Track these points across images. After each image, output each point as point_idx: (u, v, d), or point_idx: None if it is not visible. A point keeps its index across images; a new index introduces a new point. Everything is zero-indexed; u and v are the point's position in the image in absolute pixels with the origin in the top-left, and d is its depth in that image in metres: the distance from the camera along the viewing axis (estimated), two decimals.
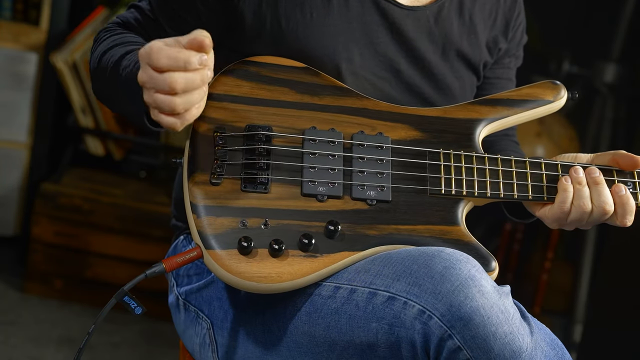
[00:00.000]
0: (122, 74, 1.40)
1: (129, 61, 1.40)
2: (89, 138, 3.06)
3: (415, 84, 1.57)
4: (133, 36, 1.51)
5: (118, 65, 1.42)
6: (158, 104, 1.29)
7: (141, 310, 1.36)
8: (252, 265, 1.36)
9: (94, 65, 1.51)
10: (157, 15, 1.52)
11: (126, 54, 1.43)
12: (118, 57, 1.43)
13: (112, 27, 1.56)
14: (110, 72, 1.43)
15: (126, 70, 1.39)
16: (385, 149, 1.47)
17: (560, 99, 1.56)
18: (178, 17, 1.51)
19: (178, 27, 1.51)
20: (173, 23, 1.51)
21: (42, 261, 2.97)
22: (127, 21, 1.55)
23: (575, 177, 1.46)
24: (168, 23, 1.52)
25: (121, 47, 1.46)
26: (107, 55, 1.47)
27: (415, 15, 1.56)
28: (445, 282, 1.30)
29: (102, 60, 1.47)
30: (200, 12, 1.50)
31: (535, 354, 1.30)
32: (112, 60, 1.44)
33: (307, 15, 1.50)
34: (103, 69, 1.46)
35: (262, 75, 1.49)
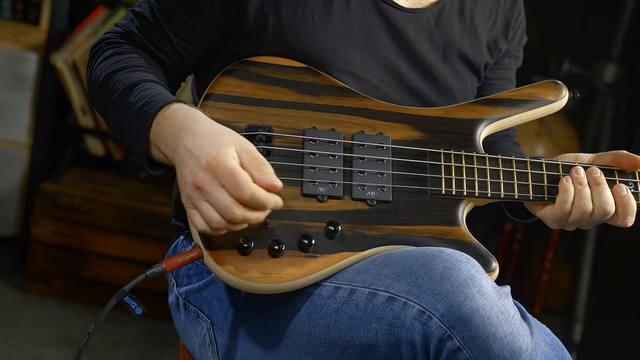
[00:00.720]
0: (126, 111, 1.41)
1: (136, 97, 1.40)
2: (89, 138, 3.06)
3: (417, 86, 1.57)
4: (136, 58, 1.49)
5: (127, 95, 1.41)
6: (205, 216, 1.30)
7: (141, 310, 1.36)
8: (252, 266, 1.35)
9: (94, 80, 1.49)
10: (159, 20, 1.51)
11: (133, 85, 1.42)
12: (127, 84, 1.42)
13: (113, 39, 1.53)
14: (117, 99, 1.43)
15: (136, 106, 1.39)
16: (386, 149, 1.47)
17: (561, 99, 1.55)
18: (182, 23, 1.50)
19: (182, 33, 1.50)
20: (177, 29, 1.50)
21: (42, 261, 2.97)
22: (129, 30, 1.52)
23: (576, 177, 1.46)
24: (171, 29, 1.50)
25: (126, 72, 1.45)
26: (113, 78, 1.45)
27: (416, 18, 1.55)
28: (445, 283, 1.30)
29: (108, 82, 1.45)
30: (204, 17, 1.49)
31: (535, 355, 1.30)
32: (119, 87, 1.43)
33: (309, 18, 1.50)
34: (108, 91, 1.45)
35: (263, 76, 1.49)
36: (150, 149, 1.39)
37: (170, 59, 1.52)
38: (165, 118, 1.36)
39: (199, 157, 1.30)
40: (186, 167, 1.31)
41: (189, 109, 1.37)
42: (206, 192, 1.29)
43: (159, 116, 1.37)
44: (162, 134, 1.36)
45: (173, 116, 1.36)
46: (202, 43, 1.52)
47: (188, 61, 1.54)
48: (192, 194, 1.30)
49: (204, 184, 1.29)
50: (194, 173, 1.30)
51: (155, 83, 1.44)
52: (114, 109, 1.44)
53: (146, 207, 2.99)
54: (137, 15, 1.53)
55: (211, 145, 1.30)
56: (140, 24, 1.52)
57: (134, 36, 1.52)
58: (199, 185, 1.29)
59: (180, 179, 1.33)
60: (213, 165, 1.28)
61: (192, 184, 1.30)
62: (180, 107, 1.38)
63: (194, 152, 1.31)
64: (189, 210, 1.33)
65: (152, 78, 1.45)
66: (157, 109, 1.37)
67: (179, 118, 1.35)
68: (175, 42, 1.51)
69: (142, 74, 1.45)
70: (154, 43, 1.51)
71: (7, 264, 3.13)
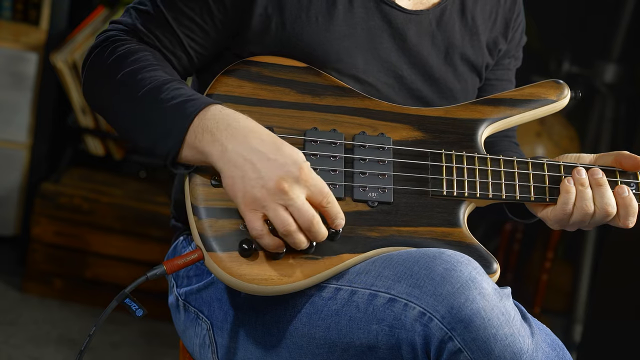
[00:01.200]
0: (156, 107, 1.38)
1: (169, 94, 1.38)
2: (89, 138, 3.06)
3: (418, 88, 1.57)
4: (152, 57, 1.46)
5: (158, 92, 1.39)
6: (278, 217, 1.31)
7: (142, 312, 1.36)
8: (253, 268, 1.35)
9: (106, 77, 1.45)
10: (167, 19, 1.47)
11: (166, 82, 1.40)
12: (156, 82, 1.40)
13: (121, 36, 1.48)
14: (142, 97, 1.39)
15: (172, 102, 1.37)
16: (387, 150, 1.46)
17: (563, 99, 1.55)
18: (193, 23, 1.48)
19: (192, 34, 1.48)
20: (187, 30, 1.48)
21: (42, 261, 2.97)
22: (134, 27, 1.49)
23: (578, 178, 1.46)
24: (182, 30, 1.48)
25: (151, 70, 1.42)
26: (137, 75, 1.41)
27: (418, 19, 1.55)
28: (446, 284, 1.30)
29: (129, 80, 1.41)
30: (215, 18, 1.48)
31: (536, 355, 1.30)
32: (147, 84, 1.40)
33: (312, 20, 1.49)
34: (131, 88, 1.41)
35: (264, 76, 1.48)
36: (182, 147, 1.36)
37: (179, 60, 1.50)
38: (213, 115, 1.35)
39: (285, 164, 1.31)
40: (259, 169, 1.31)
41: (237, 112, 1.37)
42: (289, 197, 1.30)
43: (203, 113, 1.35)
44: (209, 128, 1.34)
45: (223, 114, 1.35)
46: (211, 44, 1.50)
47: (196, 62, 1.52)
48: (271, 197, 1.30)
49: (290, 189, 1.30)
50: (279, 176, 1.30)
51: (183, 83, 1.42)
52: (138, 106, 1.40)
53: (146, 207, 2.99)
54: (141, 13, 1.49)
55: (292, 153, 1.32)
56: (147, 22, 1.48)
57: (140, 33, 1.48)
58: (284, 190, 1.30)
59: (244, 180, 1.32)
60: (304, 174, 1.31)
61: (274, 187, 1.30)
62: (226, 107, 1.37)
63: (271, 155, 1.31)
64: (253, 213, 1.32)
65: (178, 78, 1.43)
66: (200, 107, 1.36)
67: (232, 117, 1.35)
68: (186, 43, 1.49)
69: (166, 74, 1.42)
70: (162, 43, 1.48)
71: (7, 264, 3.13)
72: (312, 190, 1.32)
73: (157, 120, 1.38)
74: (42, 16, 3.05)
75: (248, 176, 1.31)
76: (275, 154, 1.32)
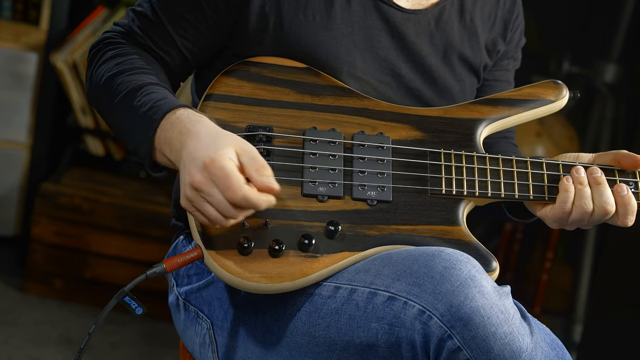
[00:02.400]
0: (129, 115, 1.41)
1: (140, 101, 1.40)
2: (89, 138, 3.06)
3: (416, 87, 1.57)
4: (138, 60, 1.48)
5: (130, 98, 1.41)
6: (205, 215, 1.32)
7: (142, 310, 1.36)
8: (253, 266, 1.36)
9: (96, 82, 1.48)
10: (162, 21, 1.50)
11: (136, 89, 1.42)
12: (131, 88, 1.42)
13: (114, 38, 1.52)
14: (120, 102, 1.43)
15: (140, 110, 1.39)
16: (386, 149, 1.47)
17: (562, 99, 1.55)
18: (186, 23, 1.49)
19: (185, 33, 1.50)
20: (180, 29, 1.50)
21: (42, 261, 2.97)
22: (130, 29, 1.52)
23: (577, 177, 1.46)
24: (175, 29, 1.50)
25: (129, 74, 1.45)
26: (116, 80, 1.45)
27: (417, 19, 1.55)
28: (445, 282, 1.30)
29: (110, 85, 1.45)
30: (208, 17, 1.49)
31: (535, 354, 1.30)
32: (122, 90, 1.43)
33: (310, 19, 1.50)
34: (111, 94, 1.45)
35: (263, 76, 1.49)
36: (154, 154, 1.39)
37: (173, 59, 1.52)
38: (171, 123, 1.37)
39: (197, 159, 1.31)
40: (185, 169, 1.32)
41: (195, 114, 1.38)
42: (204, 193, 1.30)
43: (164, 122, 1.37)
44: (168, 140, 1.36)
45: (178, 121, 1.36)
46: (205, 43, 1.51)
47: (191, 61, 1.53)
48: (191, 195, 1.31)
49: (201, 185, 1.30)
50: (192, 175, 1.30)
51: (159, 86, 1.43)
52: (117, 112, 1.44)
53: (146, 207, 2.99)
54: (138, 15, 1.52)
55: (210, 146, 1.31)
56: (142, 24, 1.51)
57: (136, 36, 1.51)
58: (196, 187, 1.30)
59: (181, 182, 1.34)
60: (209, 166, 1.29)
61: (190, 185, 1.31)
62: (186, 112, 1.38)
63: (194, 154, 1.32)
64: (192, 214, 1.34)
65: (155, 81, 1.44)
66: (162, 115, 1.37)
67: (184, 123, 1.36)
68: (179, 42, 1.50)
69: (146, 76, 1.44)
70: (156, 43, 1.51)
71: (7, 264, 3.13)
72: (218, 183, 1.29)
73: (132, 127, 1.42)
74: (42, 16, 3.05)
75: (181, 178, 1.34)
76: (197, 152, 1.32)
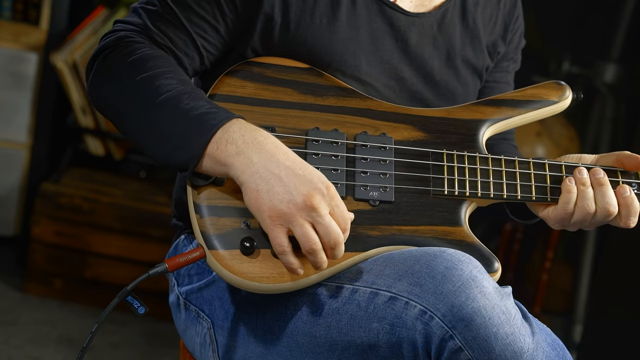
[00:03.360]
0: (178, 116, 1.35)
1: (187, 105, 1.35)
2: (89, 138, 3.06)
3: (419, 91, 1.57)
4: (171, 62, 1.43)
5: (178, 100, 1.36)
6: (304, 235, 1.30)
7: (144, 310, 1.36)
8: (255, 266, 1.35)
9: (125, 79, 1.41)
10: (181, 20, 1.46)
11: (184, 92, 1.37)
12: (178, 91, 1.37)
13: (133, 38, 1.45)
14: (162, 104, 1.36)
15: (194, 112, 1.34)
16: (389, 150, 1.47)
17: (564, 100, 1.55)
18: (206, 23, 1.47)
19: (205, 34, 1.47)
20: (200, 29, 1.47)
21: (42, 261, 2.97)
22: (145, 26, 1.46)
23: (579, 178, 1.46)
24: (194, 29, 1.46)
25: (167, 77, 1.39)
26: (155, 81, 1.38)
27: (420, 22, 1.55)
28: (446, 283, 1.30)
29: (148, 84, 1.38)
30: (227, 18, 1.47)
31: (536, 355, 1.30)
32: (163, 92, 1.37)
33: (317, 21, 1.49)
34: (146, 95, 1.38)
35: (266, 76, 1.49)
36: (202, 159, 1.34)
37: (193, 60, 1.49)
38: (239, 129, 1.34)
39: (313, 181, 1.30)
40: (287, 184, 1.30)
41: (260, 128, 1.36)
42: (318, 214, 1.29)
43: (227, 126, 1.34)
44: (234, 141, 1.33)
45: (247, 129, 1.34)
46: (222, 44, 1.49)
47: (206, 63, 1.51)
48: (298, 212, 1.29)
49: (318, 206, 1.29)
50: (308, 193, 1.29)
51: (201, 93, 1.40)
52: (154, 113, 1.37)
53: (146, 207, 2.99)
54: (152, 14, 1.47)
55: (318, 172, 1.32)
56: (160, 23, 1.46)
57: (154, 34, 1.46)
58: (313, 206, 1.29)
59: (271, 194, 1.30)
60: (332, 193, 1.31)
61: (302, 202, 1.29)
62: (249, 123, 1.36)
63: (299, 172, 1.31)
64: (278, 228, 1.31)
65: (194, 87, 1.40)
66: (223, 120, 1.34)
67: (256, 132, 1.34)
68: (199, 43, 1.47)
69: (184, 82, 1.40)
70: (176, 44, 1.47)
71: (7, 264, 3.13)
72: (335, 211, 1.31)
73: (177, 129, 1.35)
74: (42, 16, 3.05)
75: (275, 190, 1.30)
76: (303, 171, 1.31)
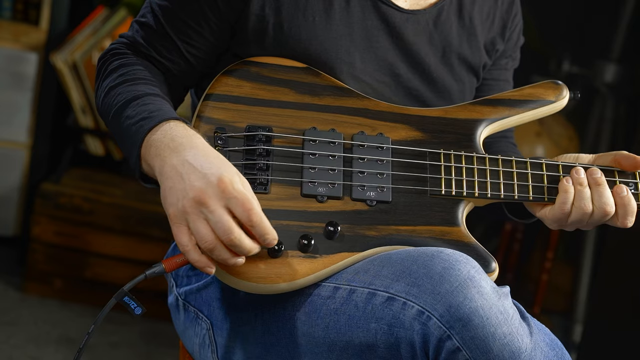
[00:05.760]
0: (124, 124, 1.39)
1: (134, 111, 1.39)
2: (89, 138, 3.06)
3: (415, 87, 1.57)
4: (141, 71, 1.47)
5: (126, 108, 1.40)
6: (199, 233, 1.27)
7: (141, 310, 1.36)
8: (252, 267, 1.35)
9: (101, 93, 1.48)
10: (165, 29, 1.49)
11: (133, 99, 1.41)
12: (123, 101, 1.41)
13: (119, 50, 1.52)
14: (117, 112, 1.42)
15: (129, 121, 1.38)
16: (386, 150, 1.47)
17: (562, 99, 1.55)
18: (189, 28, 1.49)
19: (189, 39, 1.49)
20: (184, 35, 1.49)
21: (42, 261, 2.97)
22: (134, 40, 1.51)
23: (577, 177, 1.46)
24: (178, 35, 1.49)
25: (128, 85, 1.44)
26: (116, 90, 1.44)
27: (415, 19, 1.55)
28: (444, 283, 1.30)
29: (110, 95, 1.45)
30: (210, 20, 1.48)
31: (534, 355, 1.30)
32: (120, 100, 1.42)
33: (310, 19, 1.50)
34: (111, 104, 1.44)
35: (263, 76, 1.49)
36: (141, 163, 1.37)
37: (178, 65, 1.51)
38: (163, 131, 1.35)
39: (207, 175, 1.27)
40: (185, 180, 1.28)
41: (189, 129, 1.36)
42: (209, 210, 1.26)
43: (155, 129, 1.35)
44: (156, 143, 1.34)
45: (171, 131, 1.34)
46: (209, 47, 1.51)
47: (196, 67, 1.52)
48: (190, 209, 1.27)
49: (208, 201, 1.26)
50: (199, 188, 1.27)
51: (158, 97, 1.42)
52: (115, 121, 1.43)
53: (146, 207, 2.99)
54: (142, 26, 1.51)
55: (221, 167, 1.29)
56: (146, 34, 1.51)
57: (140, 46, 1.51)
58: (202, 201, 1.26)
59: (172, 192, 1.29)
60: (225, 186, 1.26)
61: (192, 198, 1.27)
62: (181, 124, 1.36)
63: (198, 167, 1.28)
64: (177, 226, 1.29)
65: (155, 92, 1.43)
66: (154, 124, 1.36)
67: (179, 133, 1.34)
68: (182, 49, 1.50)
69: (146, 87, 1.43)
70: (160, 52, 1.50)
71: (7, 264, 3.13)
72: (232, 203, 1.27)
73: (123, 137, 1.40)
74: (42, 16, 3.05)
75: (175, 187, 1.29)
76: (203, 165, 1.29)
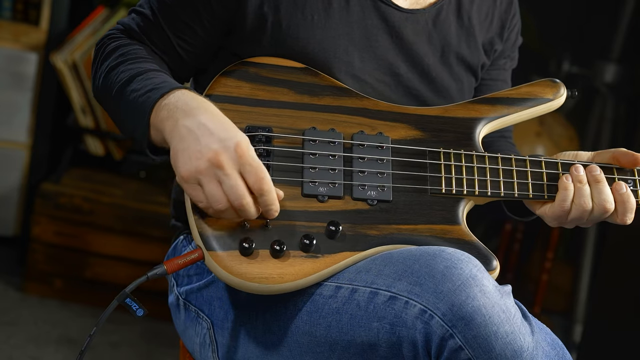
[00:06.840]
0: (130, 96, 1.40)
1: (139, 85, 1.40)
2: (89, 138, 3.06)
3: (414, 87, 1.57)
4: (140, 50, 1.50)
5: (130, 83, 1.41)
6: (212, 194, 1.31)
7: (143, 312, 1.36)
8: (254, 267, 1.35)
9: (100, 75, 1.50)
10: (159, 20, 1.51)
11: (137, 75, 1.42)
12: (127, 77, 1.43)
13: (115, 34, 1.54)
14: (121, 89, 1.43)
15: (135, 94, 1.39)
16: (386, 149, 1.47)
17: (559, 97, 1.55)
18: (181, 23, 1.50)
19: (181, 34, 1.50)
20: (176, 29, 1.51)
21: (42, 261, 2.97)
22: (130, 27, 1.53)
23: (576, 175, 1.47)
24: (171, 29, 1.51)
25: (130, 63, 1.46)
26: (118, 69, 1.46)
27: (415, 19, 1.56)
28: (446, 282, 1.30)
29: (112, 74, 1.46)
30: (203, 18, 1.49)
31: (536, 354, 1.30)
32: (124, 77, 1.43)
33: (308, 18, 1.50)
34: (112, 82, 1.45)
35: (262, 76, 1.49)
36: (150, 132, 1.38)
37: (171, 59, 1.53)
38: (176, 97, 1.36)
39: (225, 139, 1.30)
40: (201, 142, 1.31)
41: (200, 96, 1.38)
42: (224, 173, 1.29)
43: (166, 96, 1.37)
44: (168, 107, 1.35)
45: (184, 96, 1.36)
46: (201, 43, 1.52)
47: (188, 62, 1.54)
48: (206, 170, 1.30)
49: (225, 164, 1.29)
50: (216, 150, 1.30)
51: (162, 72, 1.44)
52: (118, 97, 1.43)
53: (146, 207, 2.99)
54: (139, 15, 1.53)
55: (237, 133, 1.32)
56: (142, 23, 1.52)
57: (135, 34, 1.52)
58: (219, 164, 1.29)
59: (185, 152, 1.32)
60: (243, 152, 1.30)
61: (209, 159, 1.30)
62: (193, 92, 1.38)
63: (215, 131, 1.31)
64: (191, 186, 1.33)
65: (157, 68, 1.45)
66: (165, 91, 1.37)
67: (192, 98, 1.36)
68: (175, 43, 1.51)
69: (147, 64, 1.45)
70: (155, 43, 1.52)
71: (7, 264, 3.13)
72: (247, 170, 1.30)
73: (130, 110, 1.40)
74: (42, 16, 3.05)
75: (190, 148, 1.32)
76: (219, 130, 1.32)
